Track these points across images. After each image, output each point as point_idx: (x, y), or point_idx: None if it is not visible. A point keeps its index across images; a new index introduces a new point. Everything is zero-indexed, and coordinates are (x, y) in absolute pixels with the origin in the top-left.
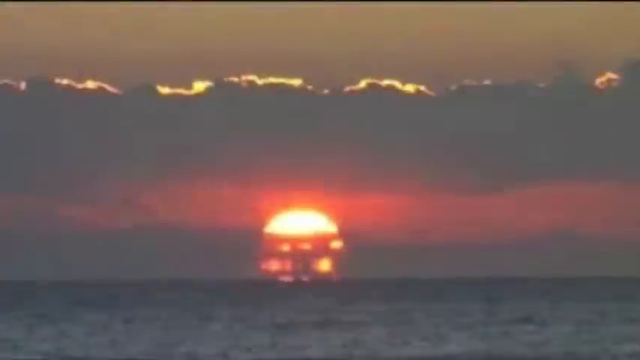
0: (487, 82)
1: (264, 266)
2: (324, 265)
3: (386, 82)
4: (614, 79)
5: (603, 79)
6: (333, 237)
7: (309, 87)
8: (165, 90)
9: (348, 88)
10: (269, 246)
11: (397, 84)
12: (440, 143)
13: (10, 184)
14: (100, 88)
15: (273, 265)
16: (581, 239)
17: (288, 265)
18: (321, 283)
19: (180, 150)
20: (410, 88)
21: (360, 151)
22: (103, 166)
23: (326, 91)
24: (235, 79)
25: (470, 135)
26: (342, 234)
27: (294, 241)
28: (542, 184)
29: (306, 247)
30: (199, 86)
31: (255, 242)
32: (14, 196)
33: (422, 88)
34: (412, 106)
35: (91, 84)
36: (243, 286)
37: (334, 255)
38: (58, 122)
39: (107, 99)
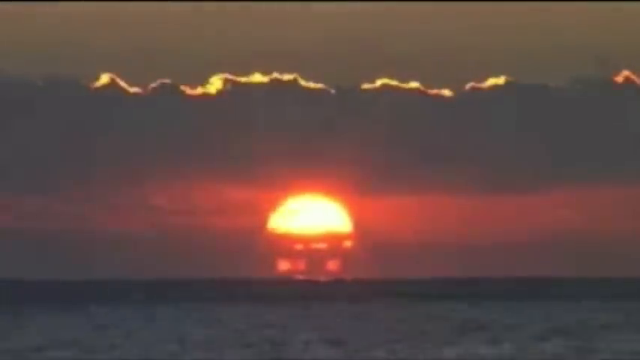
0: (509, 80)
1: (278, 265)
2: (338, 265)
3: (401, 82)
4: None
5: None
6: (346, 236)
7: (324, 85)
8: (174, 89)
9: (363, 87)
10: (282, 245)
11: (414, 84)
12: (458, 144)
13: (22, 184)
14: (116, 86)
15: (287, 265)
16: (611, 241)
17: (302, 264)
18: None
19: (190, 149)
20: (428, 88)
21: (374, 150)
22: (110, 166)
23: (341, 90)
24: (248, 78)
25: (490, 136)
26: (356, 233)
27: (307, 239)
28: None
29: (319, 245)
30: (209, 86)
31: (268, 241)
32: (21, 195)
33: (441, 88)
34: (430, 106)
35: (106, 82)
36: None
37: (347, 254)
38: (70, 121)
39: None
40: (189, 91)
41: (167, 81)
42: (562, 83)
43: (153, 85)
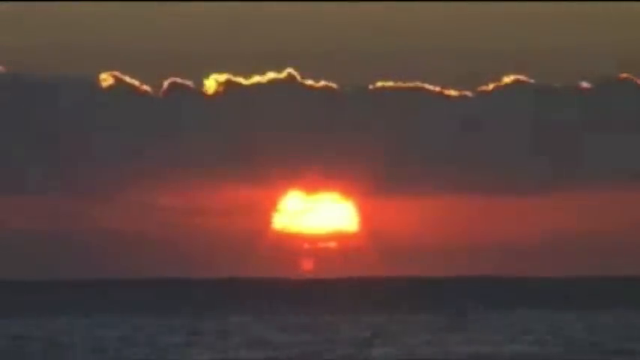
0: (517, 80)
1: (286, 265)
2: (346, 264)
3: (407, 82)
4: None
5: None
6: (353, 235)
7: (328, 85)
8: (178, 88)
9: (369, 87)
10: (288, 244)
11: (424, 84)
12: (464, 144)
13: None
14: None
15: (295, 264)
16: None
17: (310, 264)
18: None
19: (197, 150)
20: (438, 88)
21: (381, 151)
22: (115, 167)
23: (347, 90)
24: (253, 78)
25: (497, 136)
26: (363, 232)
27: (314, 239)
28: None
29: (326, 245)
30: (211, 85)
31: (274, 241)
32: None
33: (452, 87)
34: (436, 106)
35: (112, 81)
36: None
37: (354, 254)
38: (78, 120)
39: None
40: (195, 90)
41: (178, 80)
42: (570, 83)
43: (162, 84)
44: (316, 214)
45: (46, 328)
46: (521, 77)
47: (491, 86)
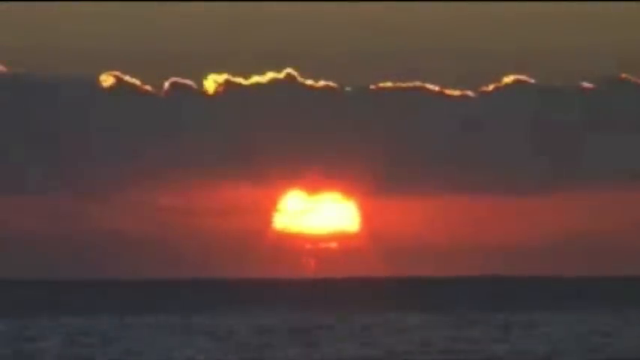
0: (529, 80)
1: (287, 265)
2: (347, 264)
3: (410, 82)
4: None
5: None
6: (354, 235)
7: (329, 84)
8: (175, 87)
9: (370, 86)
10: (290, 245)
11: (425, 84)
12: (466, 144)
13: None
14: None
15: (296, 264)
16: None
17: (311, 264)
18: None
19: (197, 149)
20: (438, 88)
21: (381, 151)
22: (115, 167)
23: (349, 90)
24: (253, 78)
25: (500, 136)
26: (365, 232)
27: (315, 239)
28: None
29: (327, 245)
30: (210, 85)
31: (276, 241)
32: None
33: (452, 87)
34: (438, 106)
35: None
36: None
37: (356, 254)
38: (79, 120)
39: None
40: (196, 90)
41: (179, 80)
42: (570, 83)
43: (163, 84)
44: (317, 214)
45: (45, 328)
46: (522, 77)
47: (491, 86)
